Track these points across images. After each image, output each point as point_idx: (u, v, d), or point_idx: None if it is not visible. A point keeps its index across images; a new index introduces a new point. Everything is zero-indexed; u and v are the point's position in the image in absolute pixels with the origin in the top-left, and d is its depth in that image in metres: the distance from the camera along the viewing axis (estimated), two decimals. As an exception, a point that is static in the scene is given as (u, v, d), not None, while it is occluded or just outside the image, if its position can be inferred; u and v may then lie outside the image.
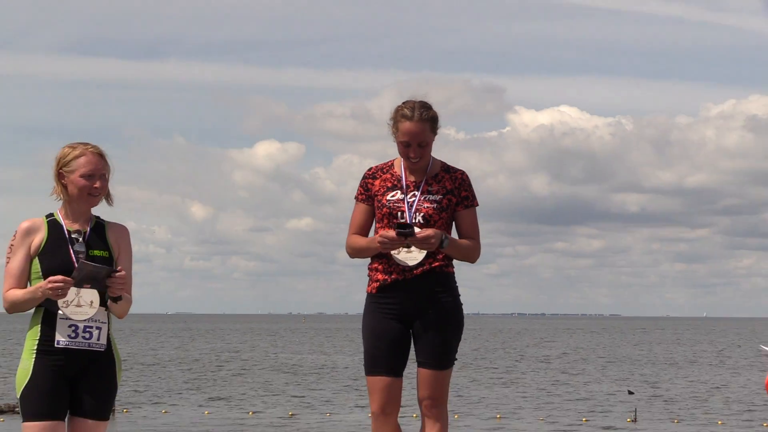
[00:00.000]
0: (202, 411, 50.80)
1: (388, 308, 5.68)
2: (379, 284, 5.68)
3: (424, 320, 5.65)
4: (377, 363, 5.72)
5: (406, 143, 5.64)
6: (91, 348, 5.36)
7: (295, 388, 65.47)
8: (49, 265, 5.32)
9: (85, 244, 5.41)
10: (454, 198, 5.69)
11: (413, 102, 5.72)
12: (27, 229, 5.41)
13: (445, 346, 5.68)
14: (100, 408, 5.44)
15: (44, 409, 5.32)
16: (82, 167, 5.40)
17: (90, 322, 5.34)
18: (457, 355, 6.04)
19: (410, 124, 5.62)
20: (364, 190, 5.79)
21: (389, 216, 5.65)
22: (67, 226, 5.44)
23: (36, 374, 5.34)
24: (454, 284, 5.76)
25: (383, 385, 5.71)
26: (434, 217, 5.62)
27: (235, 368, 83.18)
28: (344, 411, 49.79)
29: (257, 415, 49.97)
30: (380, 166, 5.87)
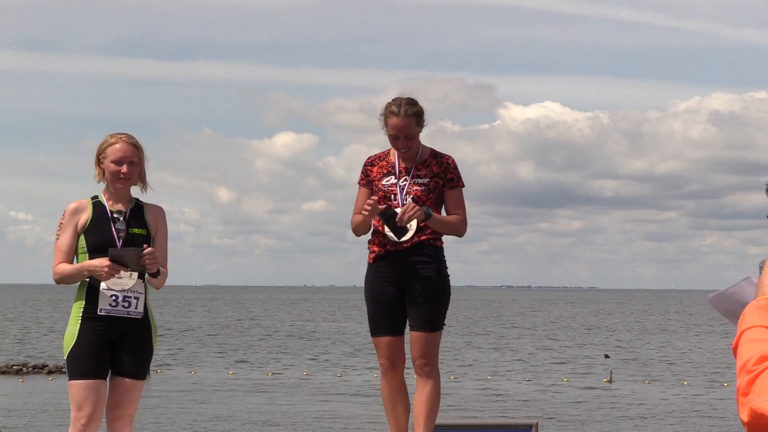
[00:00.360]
0: (227, 372, 50.97)
1: (383, 276, 5.78)
2: (375, 255, 5.81)
3: (414, 287, 5.74)
4: (378, 325, 5.84)
5: (394, 136, 5.76)
6: (129, 316, 5.42)
7: (309, 352, 65.64)
8: (93, 242, 5.40)
9: (125, 223, 5.46)
10: (440, 180, 5.78)
11: (400, 99, 5.82)
12: (74, 210, 5.49)
13: (433, 311, 5.76)
14: (138, 369, 5.50)
15: (88, 369, 5.38)
16: (114, 154, 5.48)
17: (128, 293, 5.40)
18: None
19: (397, 119, 5.74)
20: (364, 176, 5.91)
21: (384, 198, 5.73)
22: (109, 207, 5.51)
23: (80, 338, 5.40)
24: (442, 257, 5.85)
25: (386, 343, 5.82)
26: (422, 198, 5.71)
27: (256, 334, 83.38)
28: (354, 372, 49.94)
29: (276, 376, 50.13)
30: (378, 154, 5.97)
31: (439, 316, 5.84)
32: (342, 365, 55.42)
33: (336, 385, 45.05)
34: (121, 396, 5.52)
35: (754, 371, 1.65)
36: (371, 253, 5.87)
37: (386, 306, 5.82)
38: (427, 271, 5.77)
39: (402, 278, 5.77)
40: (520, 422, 12.42)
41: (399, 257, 5.75)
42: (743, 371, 1.69)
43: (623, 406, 38.23)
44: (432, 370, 5.83)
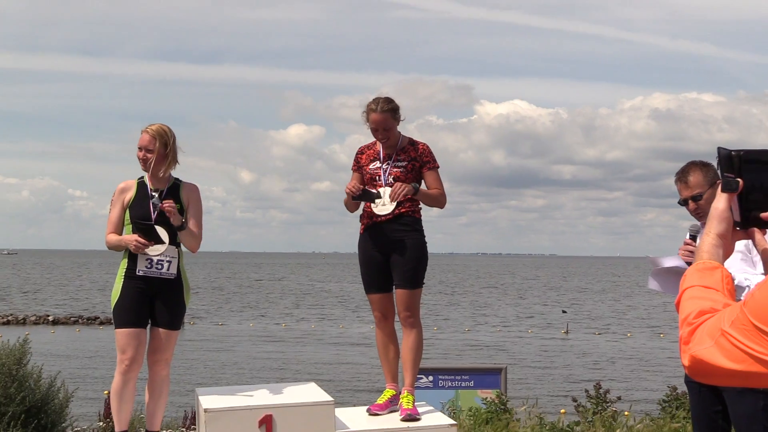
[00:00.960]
0: (249, 324, 50.93)
1: (372, 243, 5.79)
2: (365, 226, 5.81)
3: (397, 252, 5.75)
4: (370, 285, 5.86)
5: (374, 129, 5.81)
6: (163, 276, 5.41)
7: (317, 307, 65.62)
8: (135, 215, 5.43)
9: (161, 199, 5.47)
10: (417, 163, 5.81)
11: (378, 98, 5.88)
12: (122, 189, 5.55)
13: (414, 271, 5.77)
14: (172, 321, 5.49)
15: (129, 319, 5.37)
16: (139, 142, 5.50)
17: (162, 257, 5.41)
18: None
19: (375, 114, 5.77)
20: (356, 163, 5.96)
21: (371, 180, 5.77)
22: (150, 186, 5.51)
23: (123, 294, 5.40)
24: (420, 226, 5.88)
25: (378, 299, 5.84)
26: (402, 177, 5.73)
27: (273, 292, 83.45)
28: (354, 325, 49.95)
29: (289, 327, 50.16)
30: (367, 144, 6.01)
31: (419, 276, 5.86)
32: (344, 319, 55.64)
33: (339, 336, 45.19)
34: (158, 343, 5.51)
35: (694, 324, 1.66)
36: (362, 224, 5.89)
37: (375, 268, 5.84)
38: (407, 238, 5.79)
39: (387, 245, 5.79)
40: (492, 366, 12.45)
41: (384, 227, 5.78)
42: (685, 324, 1.69)
43: (578, 353, 38.36)
44: (415, 321, 5.85)
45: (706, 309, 1.67)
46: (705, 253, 1.86)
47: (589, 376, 27.79)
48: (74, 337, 43.17)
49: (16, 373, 7.64)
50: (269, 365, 33.60)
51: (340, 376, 29.88)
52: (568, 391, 21.78)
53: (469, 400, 10.49)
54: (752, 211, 1.90)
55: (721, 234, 1.88)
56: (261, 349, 39.03)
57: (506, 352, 37.89)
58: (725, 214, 1.90)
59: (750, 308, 1.52)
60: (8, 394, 7.41)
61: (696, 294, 1.74)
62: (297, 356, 36.60)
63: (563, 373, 31.59)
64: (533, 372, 31.63)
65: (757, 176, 1.90)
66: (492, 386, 10.81)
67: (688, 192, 4.66)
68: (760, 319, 1.49)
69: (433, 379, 11.21)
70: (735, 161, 1.92)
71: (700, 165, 4.71)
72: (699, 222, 4.65)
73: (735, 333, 1.53)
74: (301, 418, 5.24)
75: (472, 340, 42.91)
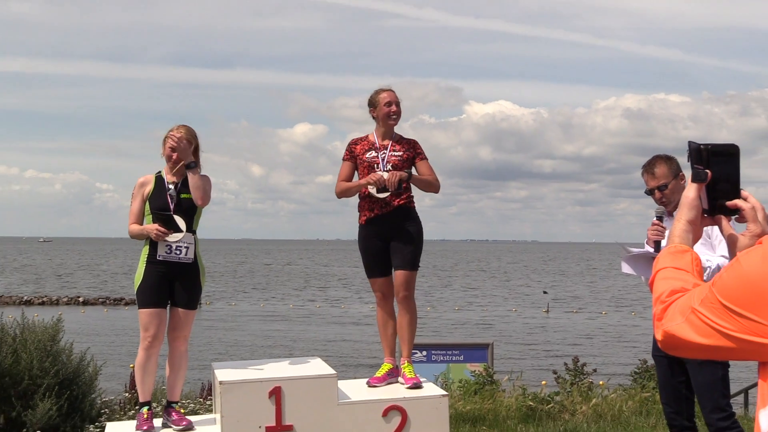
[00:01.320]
0: (259, 304, 50.91)
1: (373, 233, 5.78)
2: (367, 218, 5.79)
3: (397, 239, 5.76)
4: (372, 269, 5.85)
5: (389, 103, 5.77)
6: (181, 261, 5.41)
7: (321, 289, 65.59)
8: (154, 206, 5.43)
9: (177, 191, 5.46)
10: (410, 154, 5.81)
11: (385, 86, 5.89)
12: (141, 183, 5.53)
13: (411, 255, 5.77)
14: (189, 302, 5.48)
15: (151, 300, 5.38)
16: (168, 140, 5.48)
17: (180, 243, 5.40)
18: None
19: (388, 92, 5.80)
20: (349, 153, 5.91)
21: (369, 167, 5.75)
22: (167, 179, 5.50)
23: (146, 277, 5.40)
24: (416, 215, 5.89)
25: (379, 282, 5.85)
26: (399, 164, 5.72)
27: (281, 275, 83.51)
28: (355, 306, 49.97)
29: (296, 307, 50.10)
30: (359, 137, 5.99)
31: (416, 259, 5.88)
32: (346, 300, 55.75)
33: (341, 316, 45.28)
34: (177, 322, 5.51)
35: (667, 302, 1.68)
36: (363, 216, 5.87)
37: (376, 255, 5.84)
38: (405, 226, 5.80)
39: (387, 233, 5.79)
40: (480, 342, 12.46)
41: (384, 218, 5.78)
42: (658, 302, 1.71)
43: (557, 330, 38.45)
44: (410, 301, 5.87)
45: (677, 288, 1.69)
46: (676, 237, 1.89)
47: (567, 350, 27.88)
48: (102, 316, 43.22)
49: (51, 349, 7.66)
50: (278, 342, 33.65)
51: (342, 351, 29.94)
52: (548, 365, 21.84)
53: (459, 373, 10.52)
54: (719, 200, 1.93)
55: (691, 220, 1.90)
56: (270, 328, 39.10)
57: (493, 329, 37.97)
58: (695, 202, 1.91)
59: (718, 288, 1.53)
60: (44, 368, 7.43)
61: (668, 275, 1.76)
62: (303, 334, 36.67)
63: (544, 348, 31.66)
64: (517, 347, 31.69)
65: (723, 168, 1.92)
66: (480, 360, 10.84)
67: (655, 182, 4.68)
68: (727, 298, 1.51)
69: (426, 353, 11.24)
70: (704, 154, 1.94)
71: (665, 158, 4.72)
72: (664, 208, 4.68)
73: (704, 311, 1.55)
74: (307, 390, 5.26)
75: (462, 318, 42.99)
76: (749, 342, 1.49)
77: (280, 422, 5.22)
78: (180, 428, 5.39)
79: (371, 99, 5.92)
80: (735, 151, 1.96)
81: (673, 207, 4.65)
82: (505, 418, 7.70)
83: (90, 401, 7.81)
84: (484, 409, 7.86)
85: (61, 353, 7.75)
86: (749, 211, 1.88)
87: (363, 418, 5.37)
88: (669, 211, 4.66)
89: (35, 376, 7.39)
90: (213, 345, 31.70)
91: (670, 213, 4.65)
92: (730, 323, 1.51)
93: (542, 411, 7.98)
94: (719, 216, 1.95)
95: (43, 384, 7.34)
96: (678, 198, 4.68)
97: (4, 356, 7.45)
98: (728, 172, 1.93)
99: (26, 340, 7.62)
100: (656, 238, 4.53)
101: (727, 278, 1.53)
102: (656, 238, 4.53)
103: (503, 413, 7.81)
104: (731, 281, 1.52)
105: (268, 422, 5.20)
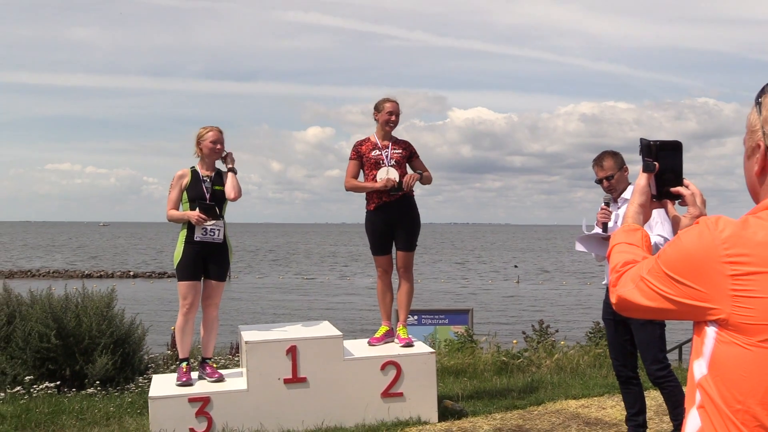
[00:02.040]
0: (279, 277, 50.81)
1: (380, 218, 5.75)
2: (375, 205, 5.75)
3: (400, 224, 5.74)
4: (377, 248, 5.82)
5: (390, 113, 5.72)
6: (214, 241, 5.39)
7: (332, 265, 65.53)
8: (191, 196, 5.39)
9: (211, 183, 5.43)
10: (406, 152, 5.77)
11: (388, 97, 5.82)
12: (180, 175, 5.47)
13: (411, 237, 5.76)
14: (220, 274, 5.47)
15: (188, 274, 5.36)
16: (210, 137, 5.43)
17: (213, 226, 5.38)
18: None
19: (392, 103, 5.76)
20: (355, 153, 5.85)
21: (375, 163, 5.70)
22: (201, 173, 5.46)
23: (184, 255, 5.38)
24: (415, 203, 5.84)
25: (382, 259, 5.83)
26: (400, 161, 5.69)
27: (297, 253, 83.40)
28: (360, 278, 49.96)
29: (311, 279, 50.04)
30: (363, 139, 5.92)
31: (415, 241, 5.86)
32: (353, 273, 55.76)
33: (349, 287, 45.29)
34: (210, 292, 5.49)
35: (620, 271, 1.69)
36: (371, 203, 5.83)
37: (381, 236, 5.81)
38: (406, 213, 5.77)
39: (392, 218, 5.76)
40: (462, 308, 12.46)
41: (390, 206, 5.74)
42: (613, 271, 1.72)
43: (527, 298, 38.48)
44: (409, 275, 5.85)
45: (629, 260, 1.71)
46: (630, 218, 1.91)
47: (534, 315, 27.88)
48: (149, 287, 43.20)
49: (106, 314, 7.66)
50: (293, 309, 33.66)
51: (347, 316, 29.96)
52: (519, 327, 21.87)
53: (444, 334, 10.52)
54: (665, 187, 1.96)
55: (642, 204, 1.93)
56: (287, 297, 39.11)
57: (473, 298, 37.99)
58: (645, 189, 1.94)
59: (662, 260, 1.55)
60: (101, 330, 7.43)
61: (622, 249, 1.78)
62: (314, 302, 36.69)
63: (515, 313, 31.69)
64: (493, 313, 31.72)
65: (669, 161, 1.95)
66: (462, 323, 10.84)
67: (603, 173, 4.66)
68: (669, 269, 1.53)
69: (417, 317, 11.23)
70: (653, 149, 1.96)
71: (612, 153, 4.70)
72: (611, 195, 4.66)
73: (651, 278, 1.57)
74: (318, 348, 5.26)
75: (447, 288, 43.02)
76: (687, 305, 1.51)
77: (295, 375, 5.23)
78: (213, 380, 5.40)
79: (378, 104, 5.83)
80: (679, 146, 1.98)
81: (618, 194, 4.64)
82: (482, 371, 7.71)
83: (139, 357, 7.81)
84: (465, 364, 7.86)
85: (115, 318, 7.74)
86: (689, 197, 1.91)
87: (364, 371, 5.38)
88: (614, 198, 4.66)
89: (94, 336, 7.39)
90: (240, 312, 31.73)
91: (616, 200, 4.65)
92: (672, 289, 1.53)
93: (513, 365, 7.99)
94: (665, 200, 1.98)
95: (100, 343, 7.34)
96: (622, 187, 4.68)
97: (69, 320, 7.44)
98: (673, 164, 1.95)
99: (86, 307, 7.62)
100: (604, 220, 4.54)
101: (670, 252, 1.55)
102: (604, 220, 4.54)
103: (481, 367, 7.82)
104: (673, 254, 1.54)
105: (286, 375, 5.21)
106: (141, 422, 5.48)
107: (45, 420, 5.88)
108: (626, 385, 4.74)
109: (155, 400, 5.02)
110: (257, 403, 5.11)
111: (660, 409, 5.52)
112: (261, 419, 5.09)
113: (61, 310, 7.54)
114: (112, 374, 7.25)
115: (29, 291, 8.10)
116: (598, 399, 6.13)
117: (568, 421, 5.42)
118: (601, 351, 8.42)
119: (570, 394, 6.26)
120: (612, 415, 5.55)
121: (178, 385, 5.26)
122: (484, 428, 5.24)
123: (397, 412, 5.33)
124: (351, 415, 5.24)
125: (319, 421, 5.16)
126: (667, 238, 4.54)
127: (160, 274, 51.30)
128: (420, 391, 5.39)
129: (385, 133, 5.80)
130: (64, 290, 8.02)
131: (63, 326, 7.38)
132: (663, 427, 5.12)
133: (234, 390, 5.16)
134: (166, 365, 7.93)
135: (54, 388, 6.89)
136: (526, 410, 5.74)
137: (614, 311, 4.65)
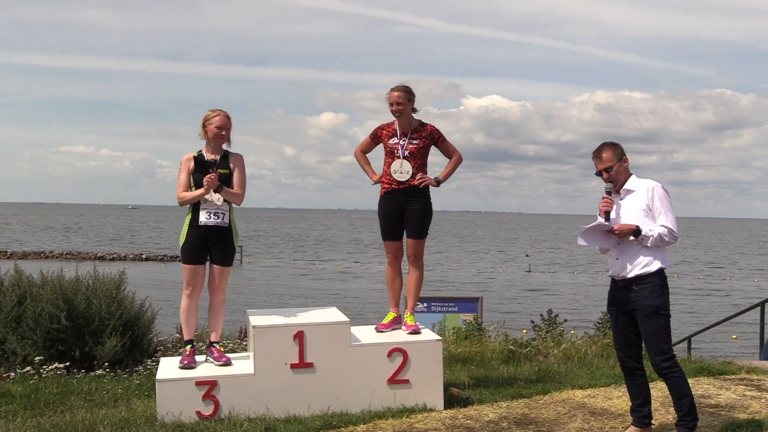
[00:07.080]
0: (290, 262, 50.86)
1: (391, 203, 5.75)
2: (386, 190, 5.76)
3: (410, 211, 5.73)
4: (387, 234, 5.82)
5: (390, 102, 5.72)
6: (218, 225, 5.39)
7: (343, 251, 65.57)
8: (198, 178, 5.37)
9: (216, 166, 5.43)
10: (428, 140, 5.75)
11: (399, 84, 5.77)
12: (187, 159, 5.48)
13: (421, 226, 5.75)
14: (225, 259, 5.46)
15: (192, 257, 5.36)
16: (216, 122, 5.42)
17: (218, 210, 5.38)
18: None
19: (393, 93, 5.71)
20: (374, 134, 5.84)
21: (390, 153, 5.70)
22: (207, 156, 5.46)
23: (188, 238, 5.39)
24: (428, 192, 5.82)
25: (392, 245, 5.83)
26: (414, 152, 5.67)
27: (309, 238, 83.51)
28: (372, 264, 49.97)
29: (321, 263, 50.09)
30: (387, 123, 5.89)
31: (425, 229, 5.85)
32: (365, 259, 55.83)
33: (361, 272, 45.38)
34: (215, 276, 5.51)
35: None
36: (383, 188, 5.83)
37: (392, 222, 5.81)
38: (417, 201, 5.76)
39: (402, 205, 5.76)
40: (471, 296, 12.45)
41: (401, 192, 5.74)
42: None
43: (538, 287, 38.43)
44: (419, 263, 5.85)
45: None
46: None
47: (544, 304, 27.89)
48: (161, 270, 43.47)
49: (116, 296, 7.72)
50: (302, 293, 33.76)
51: (355, 302, 30.03)
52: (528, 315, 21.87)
53: (453, 322, 10.53)
54: None
55: None
56: (296, 282, 39.24)
57: (483, 285, 38.00)
58: None
59: None
60: (110, 311, 7.49)
61: None
62: (322, 287, 36.79)
63: (525, 302, 31.67)
64: (503, 301, 31.71)
65: None
66: (471, 311, 10.85)
67: (602, 165, 4.63)
68: None
69: (427, 305, 11.25)
70: None
71: (611, 145, 4.66)
72: (611, 184, 4.64)
73: None
74: (325, 334, 5.27)
75: (458, 276, 43.01)
76: None
77: (302, 360, 5.25)
78: (220, 364, 5.42)
79: (387, 93, 5.84)
80: None
81: (620, 185, 4.62)
82: (490, 359, 7.71)
83: (148, 340, 7.87)
84: (473, 352, 7.86)
85: (125, 300, 7.80)
86: None
87: (371, 357, 5.39)
88: (617, 189, 4.64)
89: (103, 318, 7.45)
90: (249, 295, 31.87)
91: (618, 190, 4.64)
92: None
93: (521, 354, 7.98)
94: None
95: (110, 325, 7.40)
96: (623, 178, 4.65)
97: (79, 302, 7.51)
98: None
99: (96, 289, 7.68)
100: (606, 209, 4.54)
101: None
102: (606, 209, 4.54)
103: (489, 355, 7.82)
104: None
105: (293, 360, 5.23)
106: (148, 404, 5.53)
107: (54, 400, 5.95)
108: (631, 376, 4.74)
109: (162, 383, 5.06)
110: (264, 387, 5.14)
111: (666, 400, 5.51)
112: (267, 403, 5.12)
113: (71, 291, 7.60)
114: (121, 356, 7.32)
115: (40, 272, 8.18)
116: (605, 389, 6.13)
117: (574, 410, 5.42)
118: (608, 341, 8.40)
119: (576, 384, 6.26)
120: (618, 406, 5.55)
121: (180, 368, 5.28)
122: (489, 416, 5.25)
123: (403, 399, 5.35)
124: (357, 401, 5.26)
125: (325, 406, 5.19)
126: (671, 228, 4.52)
127: (172, 257, 51.59)
128: (426, 378, 5.40)
129: (399, 121, 5.78)
130: (75, 272, 8.09)
131: (73, 308, 7.45)
132: (668, 418, 5.12)
133: (241, 374, 5.18)
134: (175, 348, 7.99)
135: (63, 369, 6.97)
136: (532, 399, 5.75)
137: (619, 302, 4.67)
